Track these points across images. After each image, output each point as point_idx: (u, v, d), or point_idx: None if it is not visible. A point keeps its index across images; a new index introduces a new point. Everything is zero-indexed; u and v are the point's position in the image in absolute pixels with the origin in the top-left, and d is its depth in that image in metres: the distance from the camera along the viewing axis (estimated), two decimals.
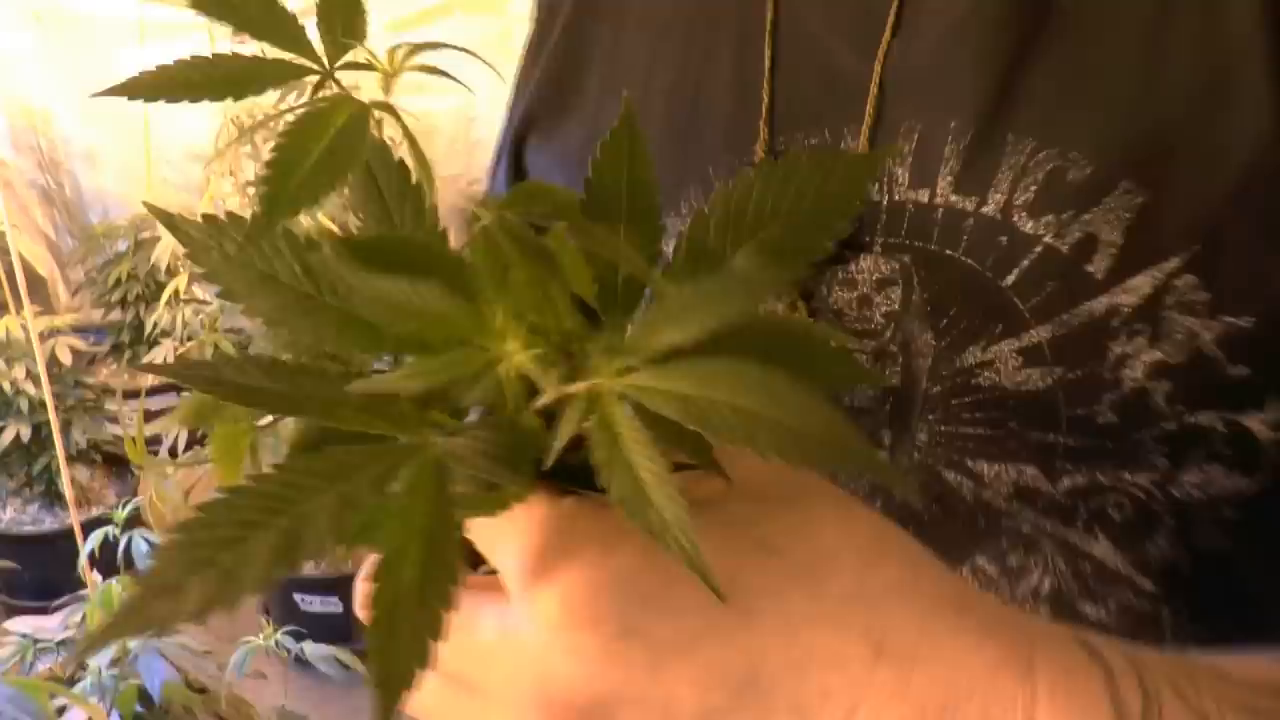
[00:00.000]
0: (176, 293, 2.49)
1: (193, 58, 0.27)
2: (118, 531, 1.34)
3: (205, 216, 0.28)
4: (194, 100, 0.27)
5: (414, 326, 0.25)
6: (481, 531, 0.29)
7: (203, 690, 1.24)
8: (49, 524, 2.49)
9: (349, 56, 0.29)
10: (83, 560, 1.31)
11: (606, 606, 0.27)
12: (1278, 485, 0.43)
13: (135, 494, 1.90)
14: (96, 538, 1.34)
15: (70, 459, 2.21)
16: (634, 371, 0.24)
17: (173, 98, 0.27)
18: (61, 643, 1.20)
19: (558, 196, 0.28)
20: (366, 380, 0.26)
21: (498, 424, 0.26)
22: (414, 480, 0.24)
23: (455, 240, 0.28)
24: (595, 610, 0.27)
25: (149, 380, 2.81)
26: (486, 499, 0.27)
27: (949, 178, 0.45)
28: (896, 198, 0.46)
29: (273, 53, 0.28)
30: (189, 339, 2.33)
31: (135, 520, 1.37)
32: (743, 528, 0.29)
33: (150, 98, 0.27)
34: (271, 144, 0.26)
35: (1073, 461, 0.44)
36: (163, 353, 2.64)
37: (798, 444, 0.23)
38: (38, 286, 2.99)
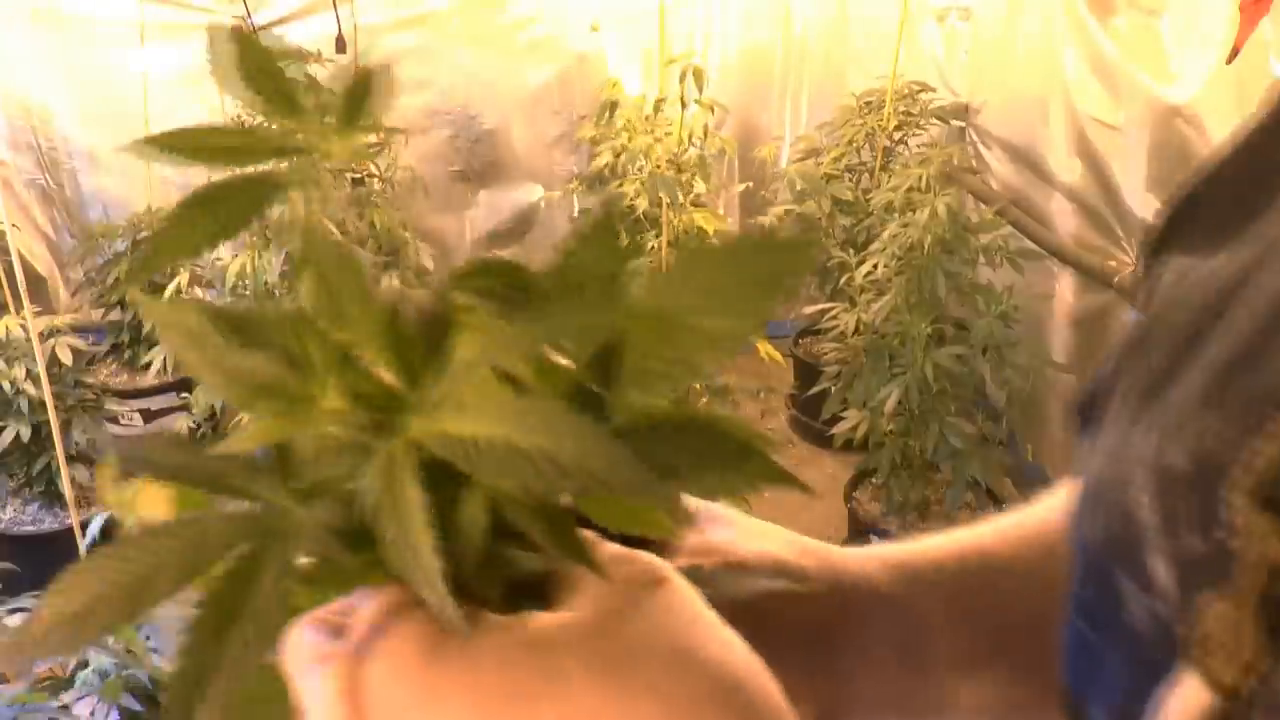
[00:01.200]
0: (178, 291, 2.49)
1: (202, 127, 0.29)
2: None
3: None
4: (201, 164, 0.29)
5: (245, 392, 0.26)
6: None
7: None
8: (49, 524, 2.49)
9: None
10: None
11: (380, 708, 0.26)
12: None
13: None
14: (96, 537, 1.34)
15: (70, 459, 2.20)
16: (434, 421, 0.25)
17: (182, 160, 0.29)
18: None
19: (518, 273, 0.28)
20: (219, 443, 0.26)
21: (346, 496, 0.27)
22: (253, 551, 0.25)
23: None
24: (368, 712, 0.26)
25: (149, 380, 2.81)
26: (327, 576, 0.28)
27: None
28: None
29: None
30: None
31: None
32: (547, 645, 0.25)
33: (163, 154, 0.29)
34: (181, 198, 0.28)
35: None
36: (162, 352, 2.64)
37: (570, 477, 0.22)
38: (38, 286, 2.99)
